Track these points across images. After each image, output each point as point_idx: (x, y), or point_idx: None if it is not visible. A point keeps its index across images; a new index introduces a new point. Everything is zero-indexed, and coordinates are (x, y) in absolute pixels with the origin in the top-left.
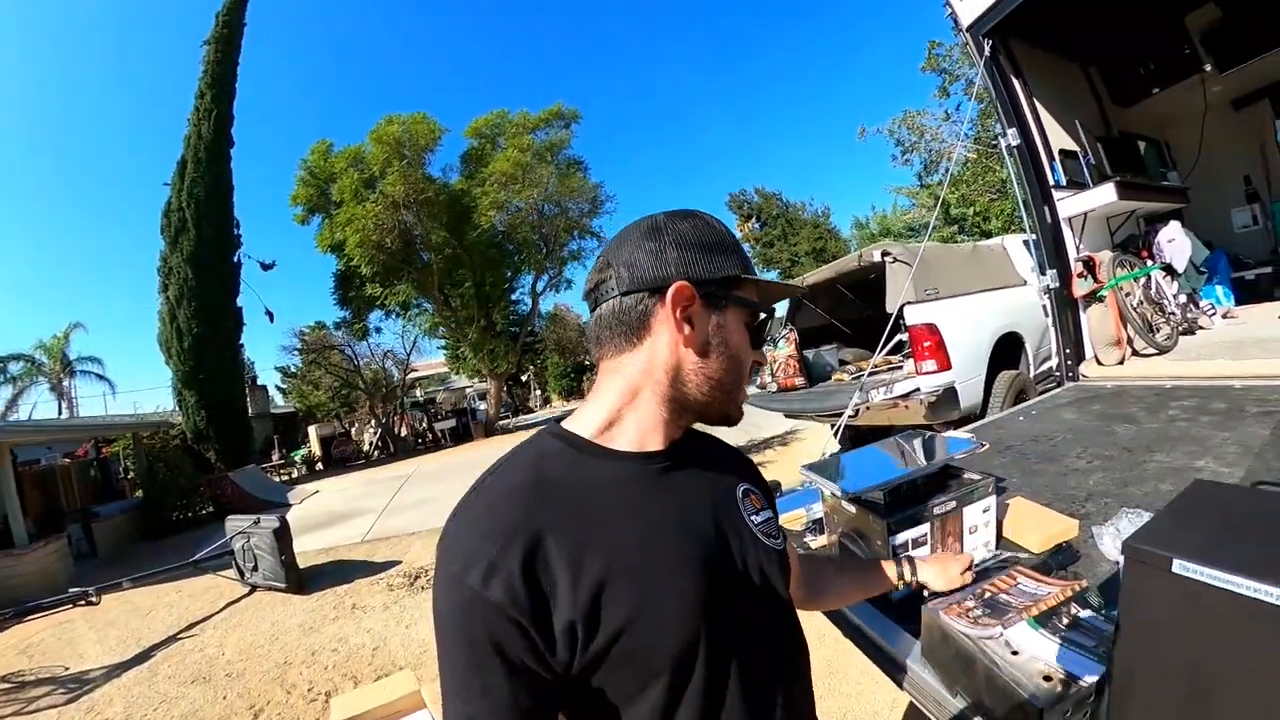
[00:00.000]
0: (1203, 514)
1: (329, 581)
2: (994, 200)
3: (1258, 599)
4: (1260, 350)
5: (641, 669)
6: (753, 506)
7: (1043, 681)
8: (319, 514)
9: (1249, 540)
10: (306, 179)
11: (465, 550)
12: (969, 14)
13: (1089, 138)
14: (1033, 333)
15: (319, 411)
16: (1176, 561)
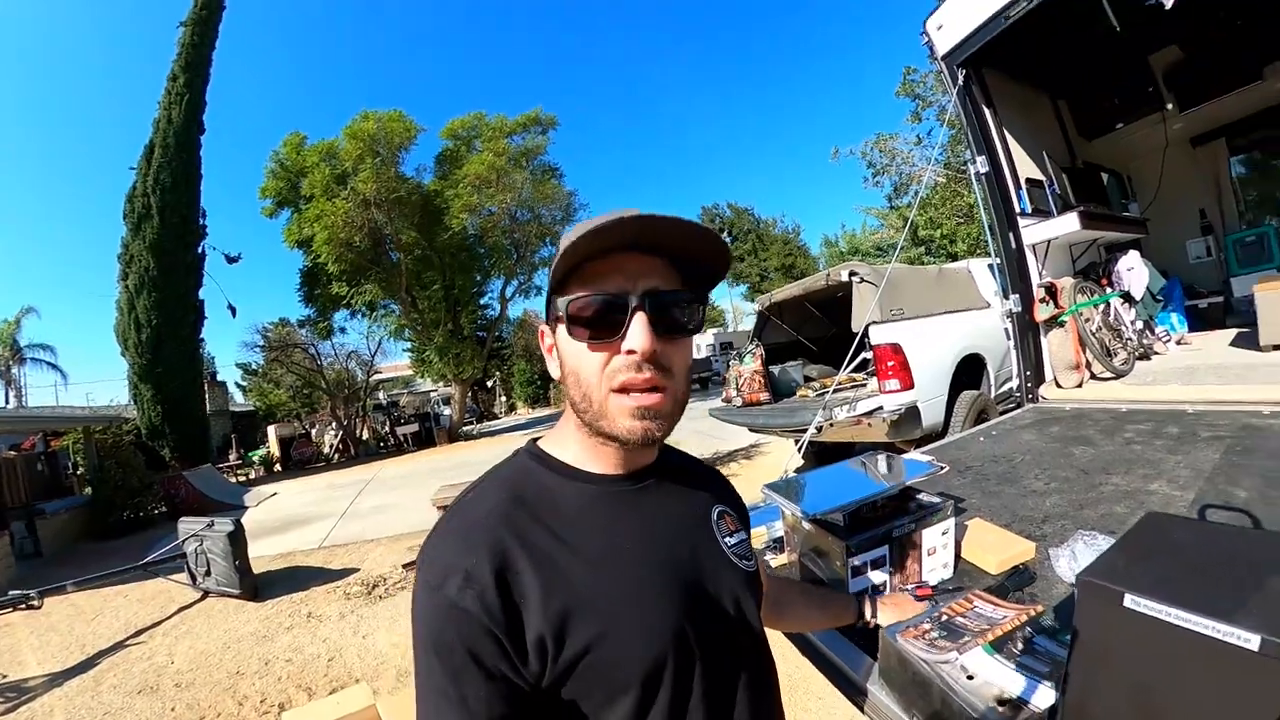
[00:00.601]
0: (1153, 549)
1: (284, 588)
2: (961, 224)
3: (1204, 634)
4: (1212, 376)
5: (607, 686)
6: (726, 529)
7: (997, 706)
8: (276, 517)
9: (1196, 576)
10: (277, 171)
11: (443, 562)
12: (944, 44)
13: (1055, 167)
14: (994, 354)
15: (279, 411)
16: (1128, 596)
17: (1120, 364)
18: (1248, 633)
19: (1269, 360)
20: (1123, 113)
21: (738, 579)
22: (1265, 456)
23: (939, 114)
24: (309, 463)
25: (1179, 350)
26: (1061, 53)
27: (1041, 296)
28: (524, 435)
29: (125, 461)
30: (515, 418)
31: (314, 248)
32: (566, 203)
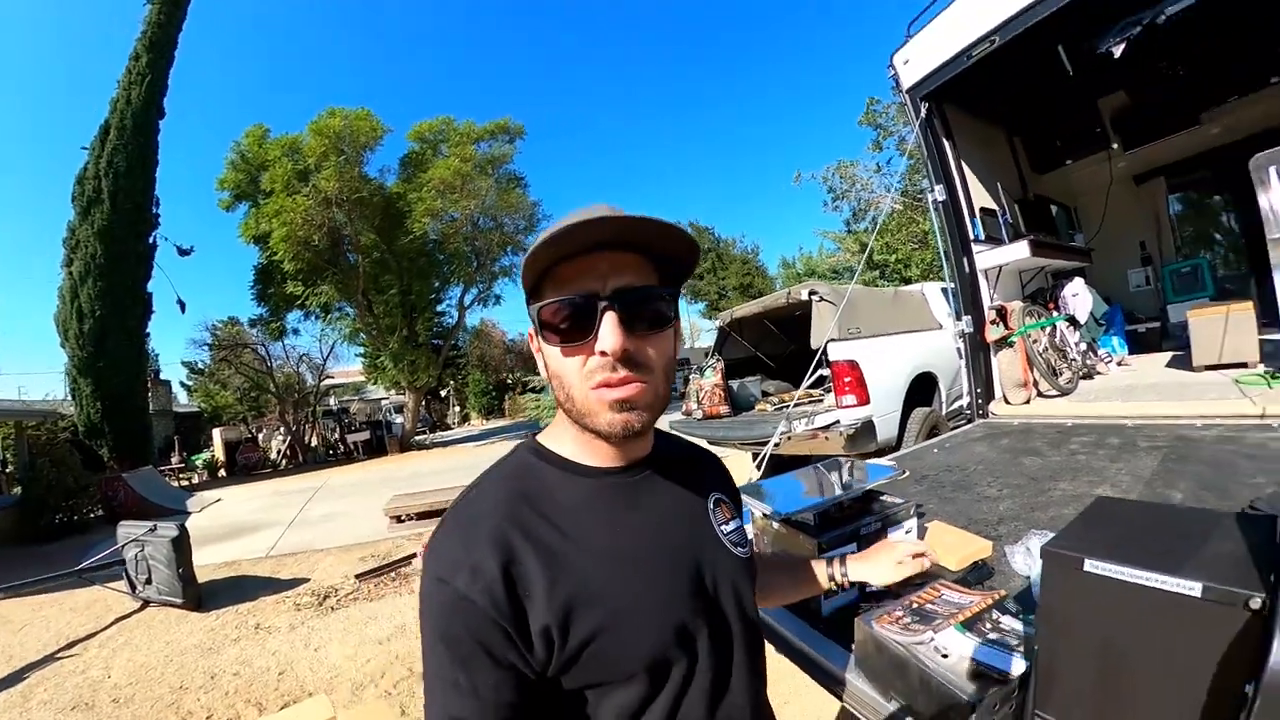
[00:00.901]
0: (1105, 523)
1: (230, 598)
2: (915, 249)
3: (1154, 587)
4: (1150, 394)
5: (611, 674)
6: (723, 517)
7: (972, 680)
8: (221, 524)
9: (1143, 542)
10: (237, 163)
11: (451, 556)
12: (910, 78)
13: (1007, 198)
14: (946, 373)
15: (225, 413)
16: (1087, 561)
17: (1065, 383)
18: (1191, 582)
19: (1201, 379)
20: (1072, 150)
21: (735, 565)
22: (1197, 464)
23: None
24: (255, 468)
25: (1119, 371)
26: (1018, 92)
27: (992, 318)
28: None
29: (60, 460)
30: (469, 428)
31: (271, 244)
32: (530, 213)
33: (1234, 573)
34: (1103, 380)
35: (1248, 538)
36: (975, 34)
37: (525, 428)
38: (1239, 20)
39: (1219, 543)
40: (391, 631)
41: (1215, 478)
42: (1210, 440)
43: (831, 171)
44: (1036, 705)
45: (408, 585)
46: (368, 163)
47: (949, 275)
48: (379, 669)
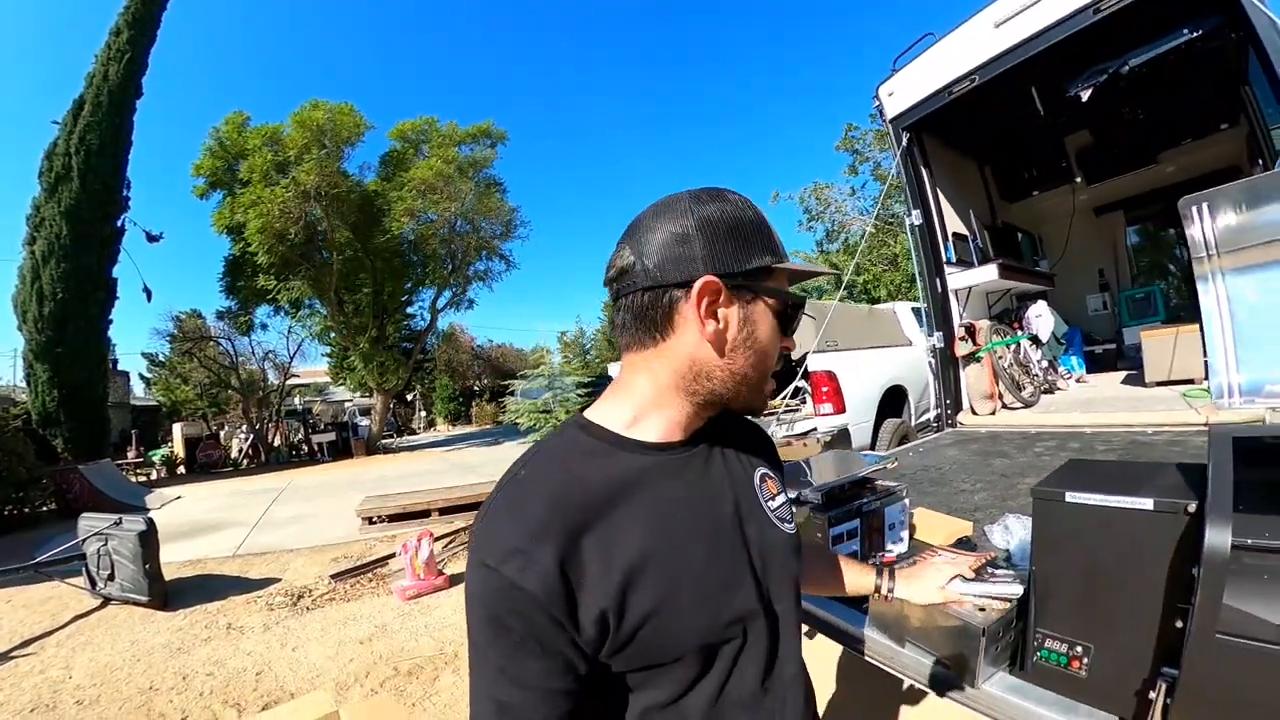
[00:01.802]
0: (1078, 472)
1: (197, 597)
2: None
3: (1119, 507)
4: (1106, 406)
5: (664, 653)
6: (769, 492)
7: (978, 612)
8: (181, 522)
9: (1108, 481)
10: (215, 150)
11: (501, 542)
12: (894, 109)
13: (978, 224)
14: (915, 386)
15: (185, 409)
16: (1068, 494)
17: (1028, 396)
18: (1145, 499)
19: (1152, 394)
20: (1039, 182)
21: (782, 541)
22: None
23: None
24: (215, 466)
25: (1078, 387)
26: (991, 127)
27: (961, 335)
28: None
29: (12, 449)
30: (434, 434)
31: (245, 235)
32: (508, 218)
33: (1175, 491)
34: (1062, 395)
35: (1184, 475)
36: (957, 72)
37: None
38: (1195, 73)
39: (1163, 478)
40: (372, 631)
41: None
42: (1160, 444)
43: (808, 193)
44: (1038, 623)
45: (384, 586)
46: (348, 158)
47: (923, 294)
48: (362, 669)
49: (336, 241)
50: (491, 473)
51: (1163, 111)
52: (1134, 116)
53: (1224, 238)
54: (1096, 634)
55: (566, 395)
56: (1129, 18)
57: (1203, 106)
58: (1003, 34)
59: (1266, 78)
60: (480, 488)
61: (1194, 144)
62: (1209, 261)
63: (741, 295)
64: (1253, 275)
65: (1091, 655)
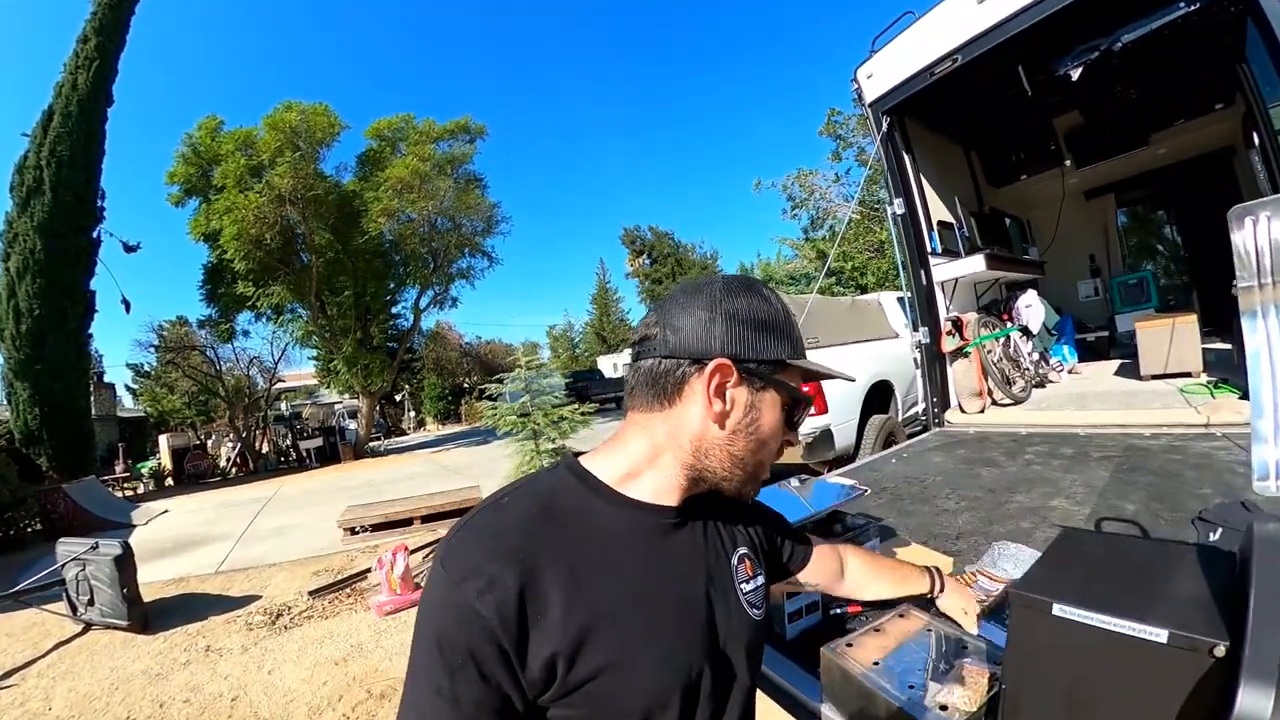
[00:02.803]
0: (1070, 561)
1: (179, 619)
2: (871, 258)
3: (1122, 633)
4: (1100, 402)
5: (605, 714)
6: (745, 574)
7: (939, 711)
8: (167, 538)
9: (1109, 584)
10: (189, 156)
11: (466, 560)
12: (873, 92)
13: (964, 211)
14: (902, 381)
15: (172, 418)
16: (1056, 606)
17: (1019, 391)
18: (1158, 629)
19: (1148, 388)
20: (1027, 166)
21: (748, 627)
22: (1148, 474)
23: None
24: (204, 477)
25: (1070, 379)
26: (977, 109)
27: (948, 329)
28: (434, 453)
29: None
30: (424, 434)
31: (221, 242)
32: (489, 214)
33: (1198, 618)
34: (1055, 388)
35: (1209, 578)
36: (938, 52)
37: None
38: (1188, 50)
39: (1182, 582)
40: (347, 651)
41: (1165, 488)
42: (1159, 450)
43: (791, 180)
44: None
45: (362, 601)
46: (324, 159)
47: (906, 287)
48: (336, 691)
49: (316, 244)
50: (478, 475)
51: (1155, 91)
52: (1125, 96)
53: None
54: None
55: (544, 397)
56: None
57: (1197, 85)
58: (986, 10)
59: (1268, 51)
60: (465, 493)
61: (1186, 124)
62: (1260, 291)
63: (753, 382)
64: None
65: None
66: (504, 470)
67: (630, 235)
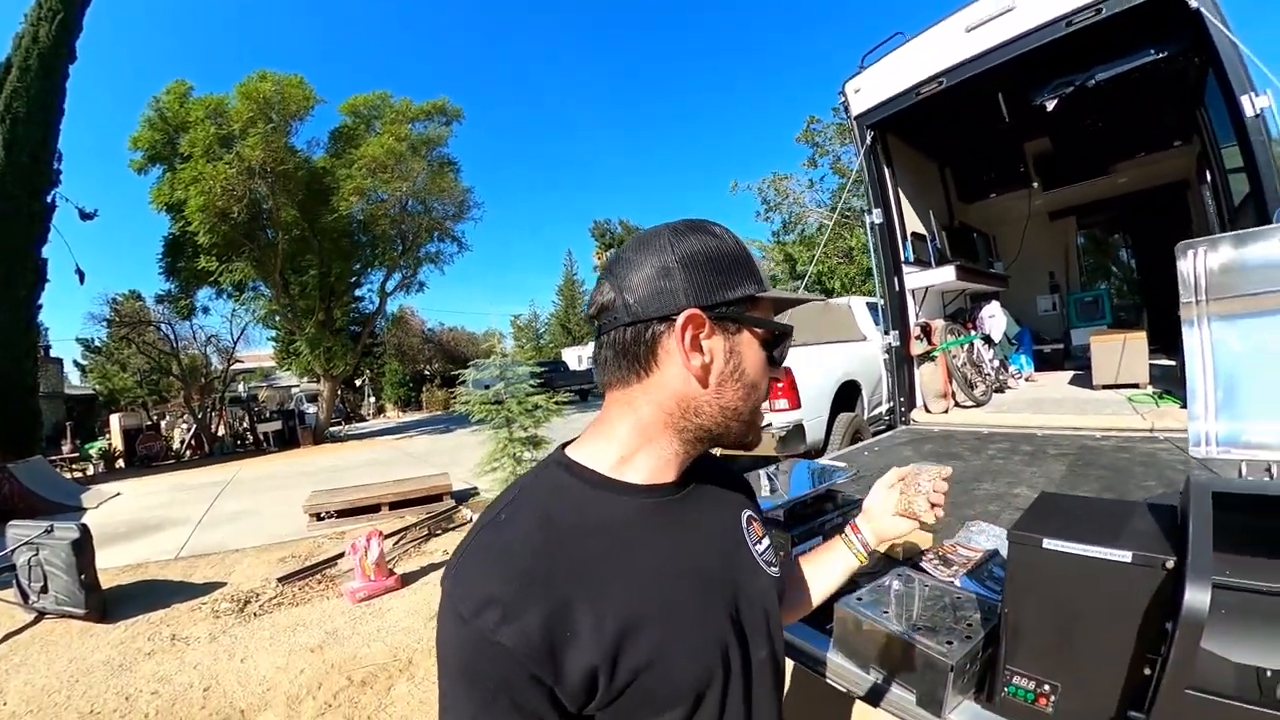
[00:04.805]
0: (1051, 513)
1: (139, 606)
2: (840, 264)
3: (1097, 557)
4: (1054, 408)
5: (655, 704)
6: (755, 535)
7: (948, 645)
8: (120, 522)
9: (1084, 525)
10: (155, 121)
11: (477, 591)
12: (859, 105)
13: (936, 225)
14: (869, 381)
15: (124, 397)
16: (1046, 540)
17: (980, 395)
18: (1124, 552)
19: (1099, 397)
20: (997, 185)
21: (768, 586)
22: (1099, 469)
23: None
24: (156, 459)
25: (1028, 386)
26: (955, 130)
27: (917, 334)
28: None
29: None
30: (385, 420)
31: (185, 214)
32: (462, 199)
33: (1152, 544)
34: (1013, 394)
35: (1157, 520)
36: (925, 74)
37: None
38: (1155, 91)
39: (1137, 523)
40: (323, 638)
41: (1115, 481)
42: (1109, 449)
43: (767, 184)
44: (1007, 661)
45: (333, 588)
46: (296, 133)
47: (880, 293)
48: (314, 679)
49: (282, 221)
50: (444, 462)
51: (1121, 125)
52: (1094, 127)
53: (1213, 283)
54: (1065, 674)
55: (519, 385)
56: (1098, 34)
57: (1159, 123)
58: (974, 39)
59: (1224, 99)
60: (432, 480)
61: (1147, 157)
62: (1197, 306)
63: (726, 327)
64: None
65: (1059, 694)
66: (469, 459)
67: (600, 228)
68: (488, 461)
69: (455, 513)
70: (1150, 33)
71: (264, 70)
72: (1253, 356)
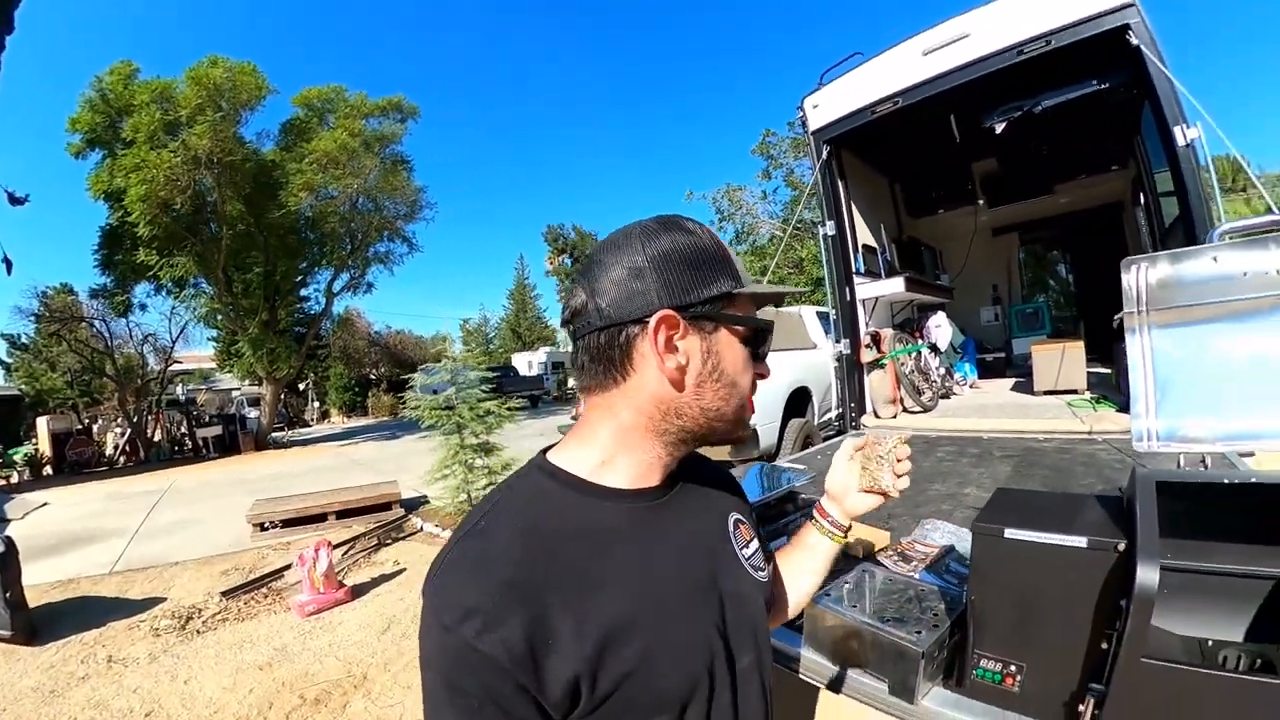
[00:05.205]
0: (1010, 506)
1: (71, 626)
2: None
3: (1054, 544)
4: (998, 412)
5: (640, 711)
6: (743, 539)
7: (917, 635)
8: (48, 534)
9: (1040, 516)
10: (96, 103)
11: (459, 601)
12: (817, 121)
13: (887, 238)
14: (819, 388)
15: (52, 399)
16: (1007, 531)
17: (927, 400)
18: (1079, 538)
19: (1040, 402)
20: (945, 202)
21: (754, 591)
22: (1043, 469)
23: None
24: (88, 465)
25: (972, 392)
26: (907, 147)
27: (867, 342)
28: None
29: None
30: (329, 426)
31: (125, 203)
32: (414, 198)
33: (1104, 530)
34: (958, 399)
35: (1106, 509)
36: (882, 93)
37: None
38: (1096, 119)
39: (1088, 513)
40: (272, 655)
41: (1057, 480)
42: (1051, 451)
43: (721, 194)
44: (975, 646)
45: (281, 601)
46: (246, 123)
47: (831, 302)
48: (264, 699)
49: (227, 215)
50: (391, 469)
51: (1064, 149)
52: (1038, 150)
53: (1153, 295)
54: (1029, 654)
55: (470, 389)
56: (1047, 64)
57: (1099, 148)
58: (930, 62)
59: (1158, 129)
60: (381, 487)
61: (1087, 179)
62: (1138, 316)
63: (703, 326)
64: (1173, 333)
65: (1024, 673)
66: (418, 466)
67: (553, 233)
68: (438, 469)
69: (405, 521)
70: (1094, 65)
71: (215, 55)
72: (1186, 361)
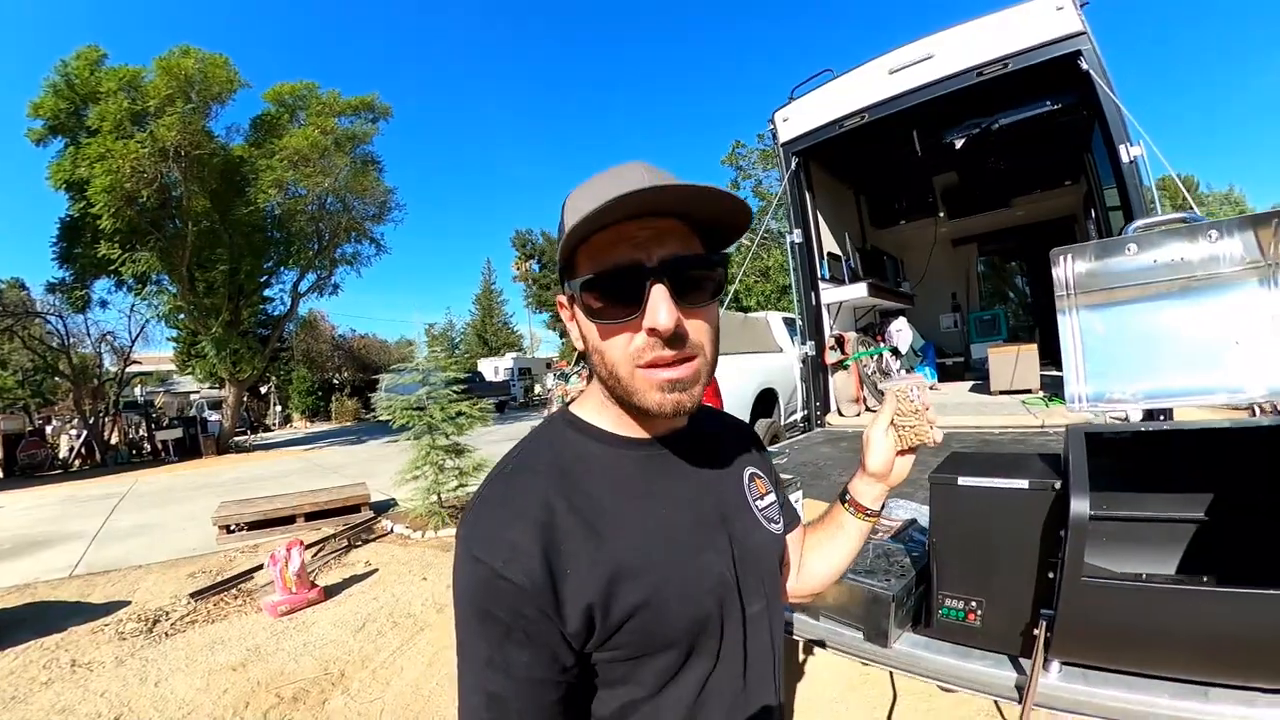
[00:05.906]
0: (961, 463)
1: (30, 631)
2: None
3: (1001, 488)
4: (957, 411)
5: (650, 645)
6: (757, 491)
7: (888, 582)
8: (2, 538)
9: (989, 467)
10: (60, 88)
11: (488, 534)
12: (786, 134)
13: (851, 246)
14: (785, 390)
15: (2, 399)
16: (960, 479)
17: None
18: (1022, 481)
19: (996, 401)
20: (906, 213)
21: (767, 541)
22: None
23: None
24: (41, 469)
25: (932, 394)
26: (872, 160)
27: (832, 345)
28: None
29: None
30: (291, 430)
31: (88, 194)
32: (384, 199)
33: (1043, 475)
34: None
35: (1045, 462)
36: (850, 108)
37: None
38: (1050, 137)
39: (1030, 464)
40: (245, 655)
41: None
42: (1007, 442)
43: None
44: (939, 587)
45: (251, 603)
46: (215, 117)
47: (798, 307)
48: (240, 699)
49: (193, 210)
50: (357, 474)
51: (1020, 164)
52: (996, 166)
53: (1079, 281)
54: (987, 590)
55: (441, 391)
56: (1004, 85)
57: (1053, 164)
58: (895, 80)
59: (1106, 149)
60: (348, 490)
61: (1042, 194)
62: (1068, 299)
63: (574, 301)
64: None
65: (984, 608)
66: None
67: (521, 238)
68: (409, 470)
69: (374, 523)
70: (1048, 87)
71: (187, 45)
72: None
